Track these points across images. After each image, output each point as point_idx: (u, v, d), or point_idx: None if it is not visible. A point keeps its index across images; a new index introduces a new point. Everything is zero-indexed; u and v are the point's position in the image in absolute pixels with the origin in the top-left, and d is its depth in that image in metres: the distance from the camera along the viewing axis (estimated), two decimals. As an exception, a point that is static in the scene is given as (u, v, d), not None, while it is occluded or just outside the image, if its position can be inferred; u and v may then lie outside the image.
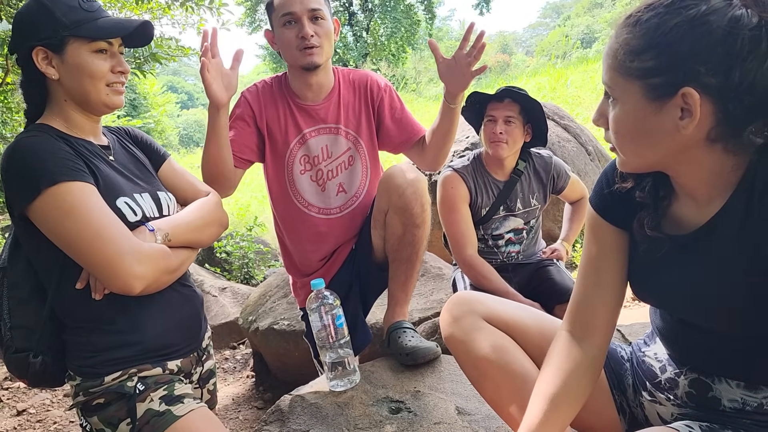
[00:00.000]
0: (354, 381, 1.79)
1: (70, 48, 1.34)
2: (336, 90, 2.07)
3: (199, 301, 1.60)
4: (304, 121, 2.05)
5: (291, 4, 1.89)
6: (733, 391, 1.04)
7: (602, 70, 0.97)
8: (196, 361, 1.56)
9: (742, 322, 0.97)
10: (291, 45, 1.92)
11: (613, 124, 0.96)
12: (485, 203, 2.52)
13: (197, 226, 1.53)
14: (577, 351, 1.16)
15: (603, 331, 1.17)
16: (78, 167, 1.31)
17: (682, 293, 1.04)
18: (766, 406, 1.02)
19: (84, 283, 1.35)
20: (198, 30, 5.04)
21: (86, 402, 1.36)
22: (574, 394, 1.13)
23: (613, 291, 1.16)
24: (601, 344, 1.17)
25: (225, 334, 4.36)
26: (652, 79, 0.88)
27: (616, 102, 0.94)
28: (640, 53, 0.88)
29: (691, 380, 1.10)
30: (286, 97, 2.06)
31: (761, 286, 0.91)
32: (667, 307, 1.14)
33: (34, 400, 3.42)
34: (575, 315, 1.20)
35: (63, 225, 1.25)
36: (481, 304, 1.37)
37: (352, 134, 2.08)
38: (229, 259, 5.64)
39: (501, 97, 2.42)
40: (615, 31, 0.94)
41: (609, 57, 0.94)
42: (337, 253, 2.15)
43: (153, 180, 1.57)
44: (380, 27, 24.47)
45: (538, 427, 1.09)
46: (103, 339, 1.37)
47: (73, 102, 1.41)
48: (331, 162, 2.07)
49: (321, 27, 1.92)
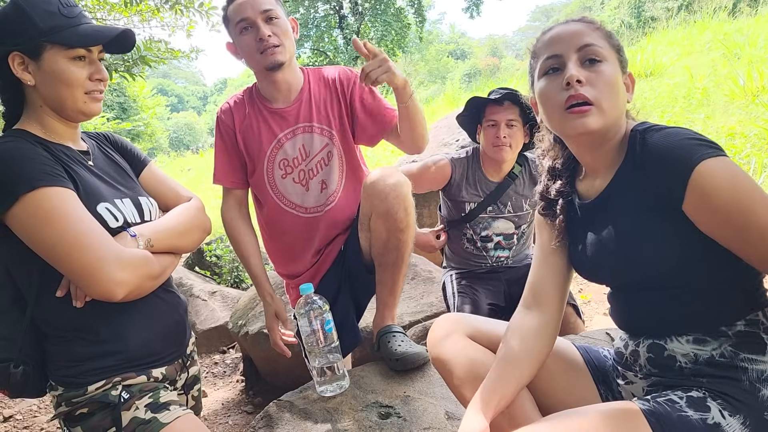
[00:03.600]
0: (343, 386, 1.79)
1: (47, 54, 1.32)
2: (306, 88, 2.07)
3: (183, 308, 1.58)
4: (278, 126, 2.05)
5: (243, 11, 1.91)
6: (684, 346, 1.14)
7: (579, 38, 1.17)
8: (180, 367, 1.54)
9: (655, 268, 1.13)
10: (252, 50, 1.93)
11: (604, 78, 1.14)
12: (469, 198, 2.52)
13: (180, 232, 1.51)
14: (528, 317, 1.33)
15: (552, 300, 1.34)
16: (56, 172, 1.28)
17: (606, 257, 1.20)
18: (717, 357, 1.10)
19: (64, 291, 1.32)
20: (188, 33, 5.02)
21: (69, 412, 1.34)
22: (526, 353, 1.27)
23: (558, 269, 1.35)
24: (552, 312, 1.33)
25: (215, 339, 4.32)
26: (621, 56, 1.20)
27: (602, 63, 1.15)
28: (613, 36, 1.21)
29: (648, 345, 1.20)
30: (257, 106, 2.07)
31: (656, 231, 1.10)
32: (600, 278, 1.31)
33: (20, 407, 3.38)
34: (528, 290, 1.37)
35: (42, 231, 1.22)
36: (466, 323, 1.44)
37: (326, 129, 2.07)
38: (219, 262, 5.60)
39: (501, 100, 2.42)
40: (579, 17, 1.22)
41: (597, 28, 1.19)
42: (325, 254, 2.15)
43: (134, 185, 1.55)
44: (371, 30, 24.48)
45: (494, 383, 1.23)
46: (85, 348, 1.34)
47: (50, 108, 1.38)
48: (310, 161, 2.06)
49: (277, 26, 1.93)
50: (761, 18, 9.36)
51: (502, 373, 1.25)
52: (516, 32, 79.69)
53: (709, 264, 1.09)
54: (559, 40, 1.18)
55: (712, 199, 1.00)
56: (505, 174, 2.55)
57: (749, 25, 8.95)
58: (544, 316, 1.32)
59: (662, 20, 13.64)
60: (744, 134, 5.07)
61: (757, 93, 5.77)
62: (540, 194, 1.38)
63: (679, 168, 1.02)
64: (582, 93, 1.13)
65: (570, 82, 1.13)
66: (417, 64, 33.51)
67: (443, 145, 4.40)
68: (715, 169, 0.99)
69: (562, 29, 1.20)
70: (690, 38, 9.49)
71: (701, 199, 1.01)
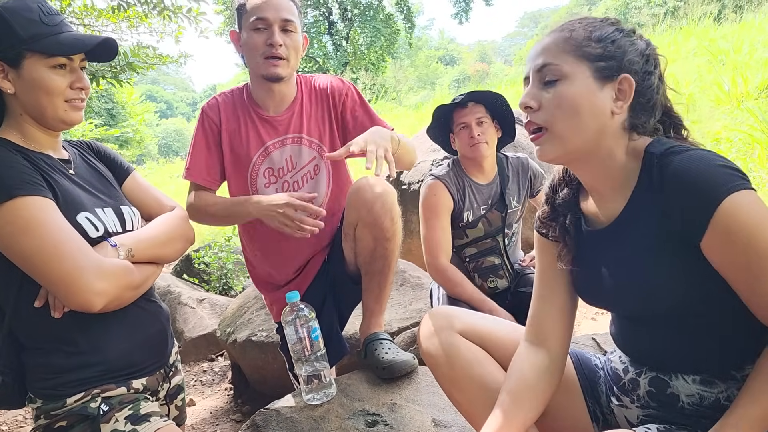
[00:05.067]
0: (330, 394, 1.78)
1: (27, 62, 1.31)
2: (298, 99, 2.04)
3: (165, 317, 1.56)
4: (267, 133, 2.02)
5: (264, 9, 1.86)
6: (690, 386, 1.09)
7: (540, 58, 1.10)
8: (162, 378, 1.52)
9: (665, 303, 1.06)
10: (257, 51, 1.89)
11: (558, 99, 1.07)
12: (468, 207, 2.52)
13: (162, 241, 1.50)
14: (534, 356, 1.26)
15: (557, 336, 1.28)
16: (35, 181, 1.27)
17: (614, 282, 1.14)
18: (723, 401, 1.06)
19: (42, 301, 1.30)
20: (176, 38, 5.00)
21: (48, 425, 1.32)
22: (533, 394, 1.22)
23: (562, 301, 1.28)
24: (557, 349, 1.27)
25: (203, 346, 4.29)
26: (600, 63, 1.06)
27: (562, 81, 1.07)
28: (592, 42, 1.07)
29: (650, 378, 1.15)
30: (248, 109, 2.03)
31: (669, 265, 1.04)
32: (606, 306, 1.25)
33: (6, 417, 3.34)
34: (531, 325, 1.31)
35: (19, 241, 1.21)
36: (457, 318, 1.41)
37: (315, 143, 2.05)
38: (207, 269, 5.56)
39: (464, 102, 2.43)
40: (558, 28, 1.12)
41: (559, 43, 1.09)
42: (309, 266, 2.12)
43: (116, 194, 1.54)
44: (360, 36, 24.52)
45: (502, 422, 1.17)
46: (63, 360, 1.33)
47: (30, 116, 1.37)
48: (296, 173, 2.04)
49: (290, 39, 1.90)
50: (746, 24, 9.50)
51: (512, 414, 1.19)
52: (505, 38, 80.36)
53: (724, 304, 1.03)
54: (528, 59, 1.14)
55: (732, 238, 0.93)
56: (491, 174, 2.55)
57: (734, 32, 9.08)
58: (549, 355, 1.26)
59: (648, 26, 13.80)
60: (729, 139, 5.13)
61: (741, 99, 5.85)
62: (544, 212, 1.30)
63: (704, 201, 0.94)
64: (531, 119, 1.10)
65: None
66: (406, 69, 33.58)
67: (432, 151, 4.41)
68: (743, 205, 0.92)
69: (534, 46, 1.14)
70: (676, 44, 9.60)
71: (722, 237, 0.94)
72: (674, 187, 0.99)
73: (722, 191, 0.93)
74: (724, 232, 0.93)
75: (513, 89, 13.42)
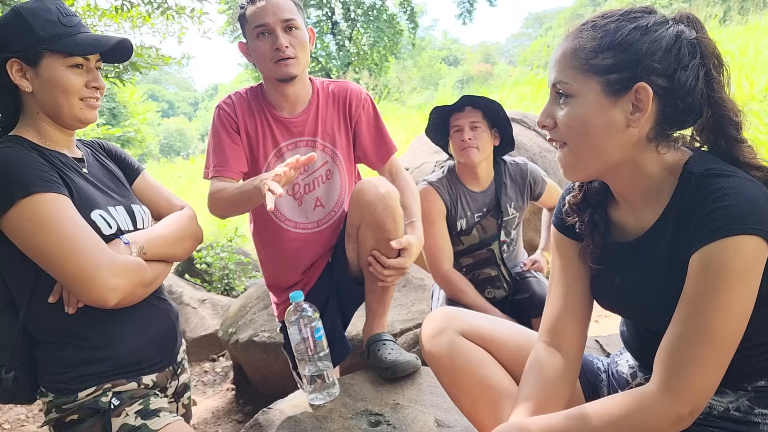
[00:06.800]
0: (333, 394, 1.78)
1: (45, 62, 1.34)
2: (314, 102, 2.05)
3: (175, 315, 1.58)
4: (281, 135, 2.02)
5: (263, 16, 1.87)
6: None
7: (553, 72, 1.06)
8: (171, 375, 1.54)
9: None
10: (266, 57, 1.90)
11: (568, 119, 1.03)
12: (462, 214, 2.51)
13: (172, 240, 1.52)
14: (553, 359, 1.22)
15: (574, 338, 1.24)
16: (52, 179, 1.30)
17: (632, 297, 1.12)
18: (732, 410, 1.05)
19: (57, 297, 1.33)
20: (179, 39, 5.01)
21: (59, 419, 1.34)
22: (554, 398, 1.18)
23: (580, 302, 1.24)
24: (574, 351, 1.23)
25: (205, 347, 4.30)
26: (611, 75, 0.99)
27: (572, 99, 1.02)
28: (601, 52, 0.99)
29: None
30: (263, 109, 2.03)
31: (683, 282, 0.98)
32: (625, 314, 1.22)
33: (8, 415, 3.35)
34: (547, 326, 1.27)
35: (36, 237, 1.24)
36: (459, 319, 1.40)
37: (329, 147, 2.06)
38: (209, 270, 5.57)
39: (461, 105, 2.43)
40: (570, 34, 1.05)
41: (567, 57, 1.03)
42: (314, 267, 2.13)
43: (127, 193, 1.56)
44: (363, 36, 24.52)
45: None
46: (76, 354, 1.35)
47: (46, 115, 1.40)
48: (308, 176, 2.05)
49: (295, 37, 1.90)
50: (751, 26, 9.48)
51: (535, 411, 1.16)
52: (509, 39, 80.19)
53: None
54: (548, 69, 1.10)
55: (706, 271, 0.92)
56: (486, 181, 2.52)
57: (739, 33, 9.05)
58: (567, 357, 1.22)
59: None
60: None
61: (747, 101, 5.83)
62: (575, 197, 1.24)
63: (714, 226, 0.91)
64: (551, 136, 1.08)
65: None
66: (409, 70, 33.59)
67: (435, 152, 4.41)
68: (740, 251, 0.89)
69: (553, 51, 1.09)
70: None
71: (700, 266, 0.93)
72: (697, 209, 0.95)
73: (732, 230, 0.89)
74: (705, 264, 0.92)
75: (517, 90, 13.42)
